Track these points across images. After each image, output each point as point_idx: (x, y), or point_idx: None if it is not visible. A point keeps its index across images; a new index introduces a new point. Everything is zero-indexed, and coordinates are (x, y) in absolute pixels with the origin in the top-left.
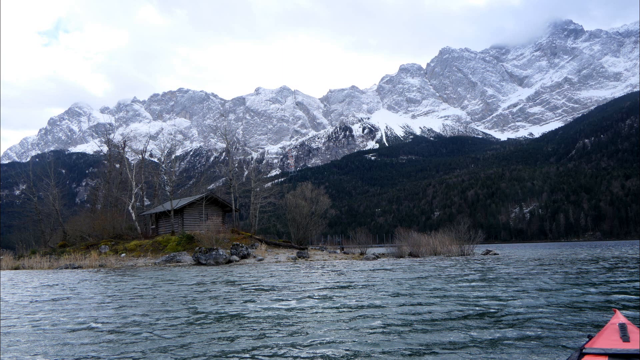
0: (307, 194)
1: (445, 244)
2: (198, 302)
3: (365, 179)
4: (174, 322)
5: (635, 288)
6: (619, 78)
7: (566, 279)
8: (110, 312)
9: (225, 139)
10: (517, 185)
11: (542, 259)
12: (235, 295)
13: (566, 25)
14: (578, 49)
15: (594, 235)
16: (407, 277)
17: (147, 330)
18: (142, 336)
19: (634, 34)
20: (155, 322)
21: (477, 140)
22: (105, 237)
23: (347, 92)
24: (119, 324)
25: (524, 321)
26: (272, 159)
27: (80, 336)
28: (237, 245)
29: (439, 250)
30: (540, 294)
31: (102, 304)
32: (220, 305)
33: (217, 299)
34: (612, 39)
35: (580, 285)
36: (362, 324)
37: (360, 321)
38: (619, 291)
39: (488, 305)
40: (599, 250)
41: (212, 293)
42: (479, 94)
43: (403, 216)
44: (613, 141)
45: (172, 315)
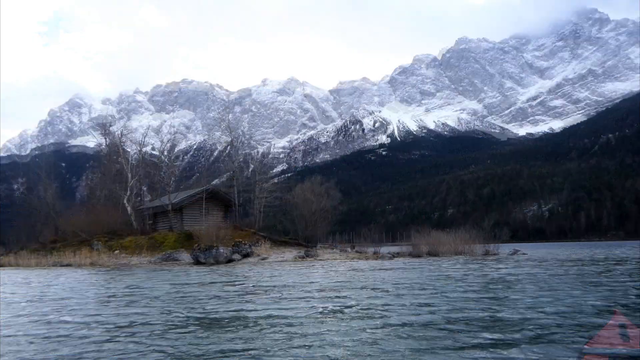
0: (316, 188)
1: (468, 243)
2: (190, 304)
3: (376, 175)
4: (158, 326)
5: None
6: None
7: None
8: (80, 319)
9: (229, 132)
10: (535, 182)
11: (582, 260)
12: (234, 297)
13: (591, 14)
14: (603, 39)
15: (617, 235)
16: (429, 278)
17: (127, 336)
18: (123, 343)
19: None
20: (132, 325)
21: (494, 135)
22: (99, 232)
23: (357, 84)
24: (91, 331)
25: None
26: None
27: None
28: (239, 243)
29: (461, 250)
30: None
31: (74, 309)
32: (215, 308)
33: (212, 301)
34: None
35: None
36: (379, 331)
37: (377, 329)
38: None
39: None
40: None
41: (207, 294)
42: (497, 86)
43: (415, 214)
44: (639, 136)
45: (159, 319)
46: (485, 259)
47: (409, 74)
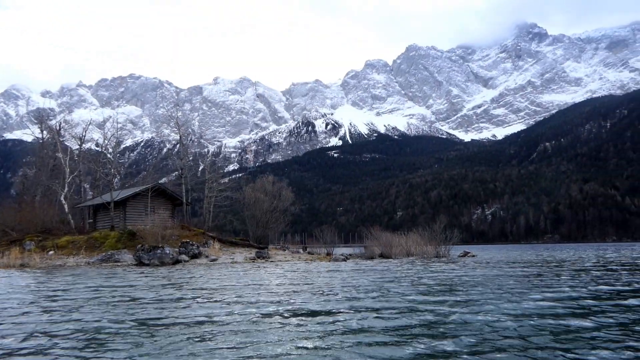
0: (268, 187)
1: (420, 245)
2: (123, 309)
3: (328, 177)
4: (79, 335)
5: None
6: (580, 83)
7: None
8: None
9: (178, 129)
10: (479, 187)
11: (521, 262)
12: (175, 301)
13: (531, 29)
14: (542, 52)
15: (553, 238)
16: (382, 280)
17: (40, 348)
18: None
19: (595, 41)
20: (48, 334)
21: (441, 140)
22: (32, 231)
23: (310, 85)
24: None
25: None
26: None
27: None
28: (187, 243)
29: (413, 252)
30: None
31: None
32: (152, 312)
33: (151, 305)
34: (574, 45)
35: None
36: (323, 334)
37: (320, 331)
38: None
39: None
40: (587, 251)
41: (146, 298)
42: (444, 93)
43: (365, 216)
44: (572, 145)
45: (83, 327)
46: (437, 261)
47: (361, 78)
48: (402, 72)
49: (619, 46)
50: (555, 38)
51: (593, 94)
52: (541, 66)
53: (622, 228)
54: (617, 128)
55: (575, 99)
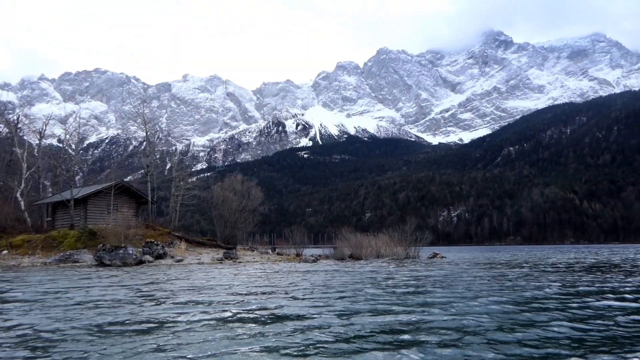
0: (237, 186)
1: (390, 246)
2: (74, 313)
3: (297, 177)
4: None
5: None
6: (542, 90)
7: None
8: None
9: (145, 126)
10: (446, 189)
11: (489, 263)
12: (132, 303)
13: (497, 36)
14: (507, 59)
15: (515, 240)
16: (351, 282)
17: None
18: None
19: (557, 50)
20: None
21: (410, 143)
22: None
23: (281, 85)
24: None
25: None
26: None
27: None
28: (152, 243)
29: (383, 253)
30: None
31: None
32: (106, 316)
33: (105, 308)
34: (538, 53)
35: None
36: (282, 338)
37: (280, 334)
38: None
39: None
40: (543, 253)
41: (102, 300)
42: (414, 97)
43: (334, 216)
44: (535, 150)
45: (24, 332)
46: (407, 263)
47: (332, 80)
48: (373, 75)
49: (580, 56)
50: (520, 46)
51: (555, 101)
52: (506, 73)
53: (579, 231)
54: (576, 134)
55: (538, 106)
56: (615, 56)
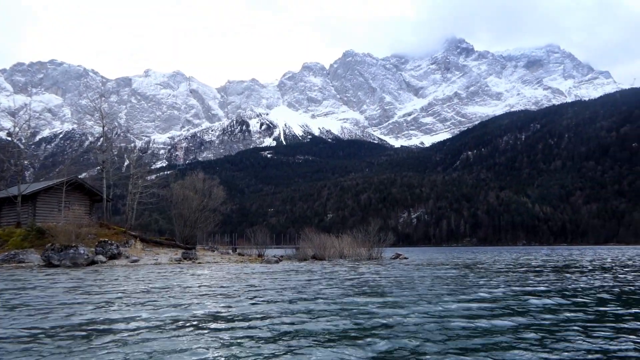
0: (198, 185)
1: (353, 247)
2: (8, 317)
3: (260, 177)
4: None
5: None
6: (500, 97)
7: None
8: None
9: (102, 121)
10: (407, 192)
11: (449, 264)
12: (78, 305)
13: (459, 43)
14: (468, 66)
15: (471, 241)
16: (311, 282)
17: None
18: None
19: (515, 59)
20: None
21: (373, 145)
22: None
23: (246, 84)
24: None
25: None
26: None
27: None
28: (105, 243)
29: (346, 254)
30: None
31: None
32: (45, 320)
33: (43, 311)
34: (497, 61)
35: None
36: (231, 341)
37: (230, 338)
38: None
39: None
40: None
41: (42, 302)
42: (378, 99)
43: (296, 217)
44: (492, 155)
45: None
46: (369, 263)
47: (298, 80)
48: (339, 77)
49: (535, 66)
50: (481, 54)
51: (511, 108)
52: (467, 79)
53: (531, 233)
54: (530, 141)
55: (496, 112)
56: (568, 67)
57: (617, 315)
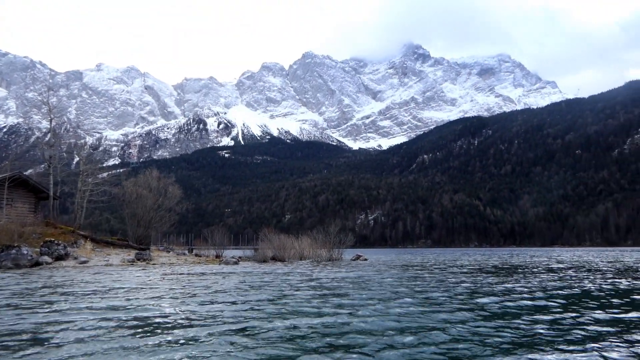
0: (152, 183)
1: (313, 248)
2: None
3: (217, 177)
4: None
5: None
6: (455, 103)
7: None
8: None
9: (50, 116)
10: (364, 193)
11: (409, 265)
12: (16, 310)
13: (416, 49)
14: (424, 72)
15: (426, 243)
16: (269, 284)
17: None
18: None
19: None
20: None
21: (331, 147)
22: None
23: (204, 82)
24: None
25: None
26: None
27: None
28: (52, 243)
29: (306, 255)
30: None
31: None
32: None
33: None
34: (452, 68)
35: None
36: (168, 345)
37: (167, 342)
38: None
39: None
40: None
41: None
42: (337, 102)
43: (254, 218)
44: (446, 159)
45: None
46: (329, 264)
47: (257, 80)
48: (298, 78)
49: (488, 74)
50: (437, 60)
51: (465, 114)
52: (423, 85)
53: (482, 235)
54: (482, 146)
55: (451, 117)
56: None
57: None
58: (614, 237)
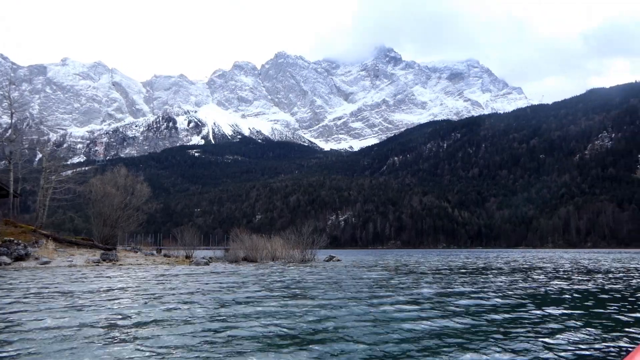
0: (120, 181)
1: (286, 249)
2: None
3: (187, 176)
4: None
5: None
6: (425, 106)
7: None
8: None
9: (11, 109)
10: (335, 194)
11: (381, 266)
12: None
13: (388, 52)
14: (396, 75)
15: (395, 244)
16: (239, 285)
17: None
18: None
19: (439, 71)
20: None
21: (303, 148)
22: None
23: (174, 80)
24: None
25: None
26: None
27: None
28: (11, 243)
29: (279, 255)
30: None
31: None
32: None
33: None
34: (423, 72)
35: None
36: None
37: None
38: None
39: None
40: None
41: None
42: (309, 102)
43: (224, 218)
44: (416, 161)
45: None
46: (302, 265)
47: (228, 79)
48: (270, 78)
49: (457, 78)
50: (408, 64)
51: (435, 117)
52: (395, 87)
53: (450, 236)
54: (451, 149)
55: (421, 120)
56: (486, 81)
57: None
58: (575, 239)
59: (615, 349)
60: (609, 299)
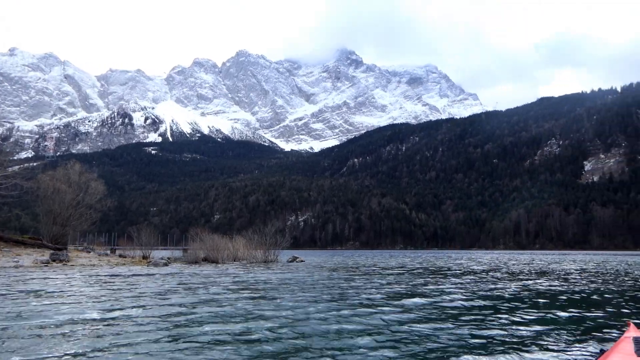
0: (73, 177)
1: (248, 249)
2: None
3: (143, 174)
4: None
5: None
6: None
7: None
8: None
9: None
10: (295, 195)
11: (344, 267)
12: None
13: (350, 55)
14: (357, 78)
15: (354, 245)
16: (197, 286)
17: None
18: None
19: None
20: None
21: (263, 148)
22: None
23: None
24: None
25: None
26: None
27: None
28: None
29: (241, 256)
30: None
31: None
32: None
33: None
34: (383, 76)
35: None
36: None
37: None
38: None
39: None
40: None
41: None
42: (270, 102)
43: (181, 217)
44: (375, 163)
45: None
46: (264, 266)
47: (188, 76)
48: (231, 76)
49: (416, 83)
50: (369, 67)
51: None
52: (355, 90)
53: (408, 237)
54: (409, 152)
55: (381, 123)
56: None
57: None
58: (525, 241)
59: (584, 351)
60: (576, 300)
